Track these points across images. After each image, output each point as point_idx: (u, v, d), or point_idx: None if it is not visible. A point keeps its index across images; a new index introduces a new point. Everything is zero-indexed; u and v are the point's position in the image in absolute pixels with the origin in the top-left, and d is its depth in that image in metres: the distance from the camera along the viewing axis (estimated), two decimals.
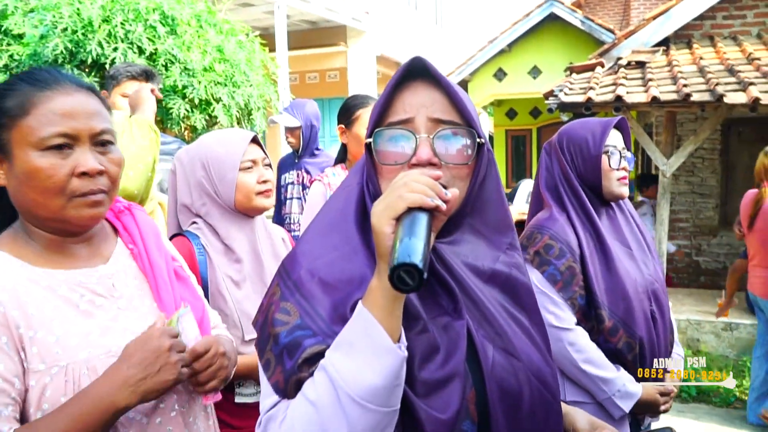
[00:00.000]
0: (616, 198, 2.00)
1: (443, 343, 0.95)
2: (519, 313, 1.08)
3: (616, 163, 1.95)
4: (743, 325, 5.81)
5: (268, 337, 0.96)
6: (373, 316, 0.84)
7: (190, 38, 4.69)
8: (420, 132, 0.97)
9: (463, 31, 18.87)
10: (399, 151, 0.98)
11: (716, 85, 5.28)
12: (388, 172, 0.99)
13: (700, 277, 7.35)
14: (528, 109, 13.58)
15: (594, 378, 1.87)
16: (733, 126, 7.11)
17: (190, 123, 4.74)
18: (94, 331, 1.15)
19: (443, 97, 1.00)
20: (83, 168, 1.13)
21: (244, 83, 5.12)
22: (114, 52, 4.28)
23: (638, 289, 1.93)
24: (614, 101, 5.52)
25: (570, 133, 2.02)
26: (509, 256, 1.09)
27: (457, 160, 0.98)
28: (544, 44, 11.06)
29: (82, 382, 1.10)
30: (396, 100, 1.01)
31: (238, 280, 1.89)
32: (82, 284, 1.19)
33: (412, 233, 0.80)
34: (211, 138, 1.96)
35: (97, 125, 1.17)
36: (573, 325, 1.88)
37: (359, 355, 0.84)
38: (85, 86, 1.22)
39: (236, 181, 1.88)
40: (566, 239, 1.90)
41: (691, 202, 7.31)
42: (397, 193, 0.85)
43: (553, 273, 1.88)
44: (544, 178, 2.05)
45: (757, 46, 6.57)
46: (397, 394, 0.86)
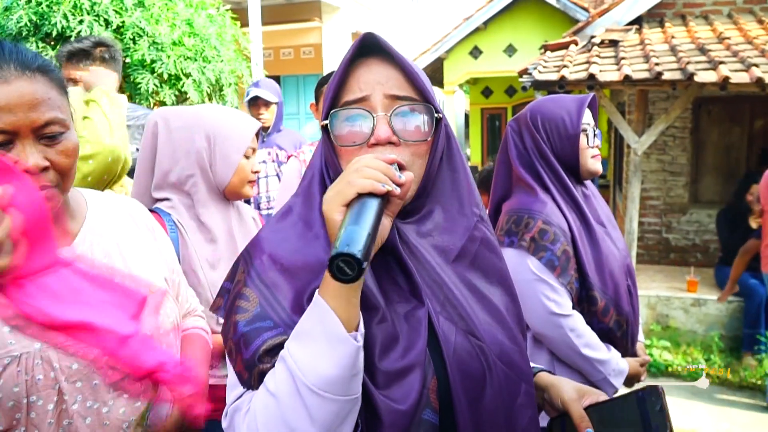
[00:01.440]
0: (592, 175, 1.99)
1: (403, 332, 0.94)
2: (488, 290, 1.06)
3: (591, 141, 1.95)
4: (711, 301, 5.94)
5: (231, 324, 0.95)
6: (329, 305, 0.83)
7: (158, 11, 4.59)
8: (377, 110, 0.96)
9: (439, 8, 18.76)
10: (357, 131, 0.96)
11: (687, 64, 5.32)
12: (348, 153, 0.97)
13: (670, 254, 7.48)
14: (503, 88, 13.61)
15: (592, 360, 1.88)
16: (703, 105, 7.19)
17: (159, 98, 4.65)
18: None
19: (398, 73, 0.98)
20: (23, 165, 1.03)
21: (215, 58, 5.03)
22: (79, 25, 4.17)
23: (618, 266, 1.95)
24: (587, 79, 5.54)
25: (543, 111, 1.97)
26: (478, 230, 1.07)
27: (416, 137, 0.97)
28: (520, 22, 11.06)
29: (35, 372, 1.07)
30: (351, 78, 0.99)
31: (212, 260, 1.86)
32: None
33: (356, 221, 0.79)
34: (218, 114, 1.92)
35: (40, 116, 1.06)
36: (571, 311, 1.87)
37: (315, 345, 0.83)
38: (33, 68, 1.08)
39: (237, 164, 1.88)
40: (558, 222, 1.87)
41: (662, 180, 7.40)
42: (347, 179, 0.85)
43: (551, 259, 1.85)
44: (515, 155, 2.00)
45: (727, 25, 6.64)
46: (356, 382, 0.85)
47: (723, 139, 7.32)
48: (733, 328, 5.82)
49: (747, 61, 5.30)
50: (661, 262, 7.50)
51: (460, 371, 0.95)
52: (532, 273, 1.86)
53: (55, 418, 1.10)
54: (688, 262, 7.22)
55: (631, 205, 6.01)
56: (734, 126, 7.24)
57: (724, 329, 5.86)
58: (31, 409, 1.07)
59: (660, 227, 7.49)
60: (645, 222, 7.47)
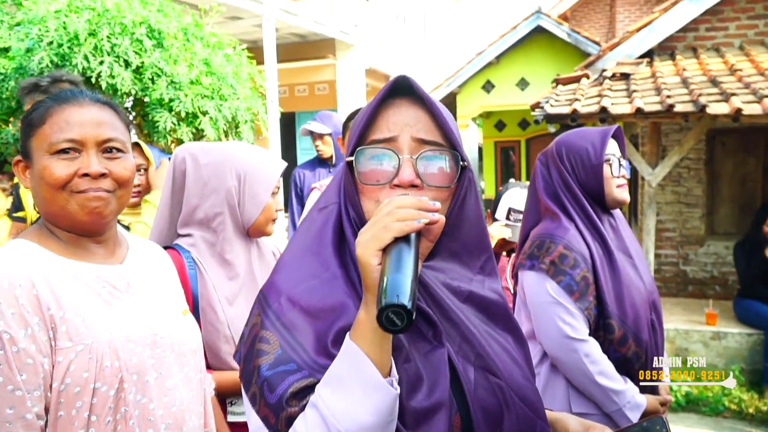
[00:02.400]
0: (619, 204, 2.02)
1: (426, 372, 0.94)
2: (497, 332, 1.07)
3: (617, 171, 1.98)
4: (731, 334, 5.84)
5: (253, 369, 0.93)
6: (362, 350, 0.82)
7: (176, 51, 4.71)
8: (403, 152, 0.95)
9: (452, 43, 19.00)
10: (381, 171, 0.96)
11: (699, 96, 5.34)
12: (369, 191, 0.97)
13: (688, 286, 7.38)
14: (516, 121, 13.66)
15: (607, 390, 1.87)
16: (717, 136, 7.18)
17: (177, 136, 4.74)
18: (115, 318, 1.27)
19: (427, 116, 0.98)
20: (85, 170, 1.25)
21: (231, 96, 5.13)
22: (100, 66, 4.28)
23: (642, 298, 1.95)
24: (599, 112, 5.56)
25: (568, 143, 2.02)
26: (480, 279, 1.08)
27: (439, 182, 0.96)
28: (532, 56, 11.15)
29: (103, 360, 1.21)
30: (379, 118, 0.99)
31: (231, 297, 1.87)
32: (102, 278, 1.31)
33: (398, 268, 0.78)
34: (248, 152, 1.94)
35: (103, 133, 1.29)
36: (587, 337, 1.87)
37: (350, 392, 0.82)
38: (102, 101, 1.35)
39: (265, 204, 1.90)
40: (579, 249, 1.90)
41: (677, 212, 7.36)
42: (382, 223, 0.84)
43: (570, 283, 1.87)
44: (542, 187, 2.05)
45: (739, 57, 6.65)
46: (392, 428, 0.84)
47: (738, 170, 7.28)
48: (754, 362, 5.70)
49: (759, 93, 5.30)
50: (679, 294, 7.40)
51: (481, 408, 0.96)
52: (549, 296, 1.88)
53: (114, 404, 1.22)
54: (707, 295, 7.12)
55: (647, 238, 5.97)
56: (749, 157, 7.20)
57: (745, 363, 5.75)
58: (95, 395, 1.20)
59: (677, 259, 7.42)
60: (662, 254, 7.40)
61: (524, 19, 10.83)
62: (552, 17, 10.93)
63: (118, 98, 4.48)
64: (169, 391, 1.33)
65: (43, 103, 1.31)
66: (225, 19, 8.74)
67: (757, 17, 6.99)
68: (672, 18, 6.97)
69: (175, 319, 1.42)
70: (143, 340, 1.29)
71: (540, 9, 10.66)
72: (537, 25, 10.69)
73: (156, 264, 1.50)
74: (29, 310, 1.16)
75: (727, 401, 5.10)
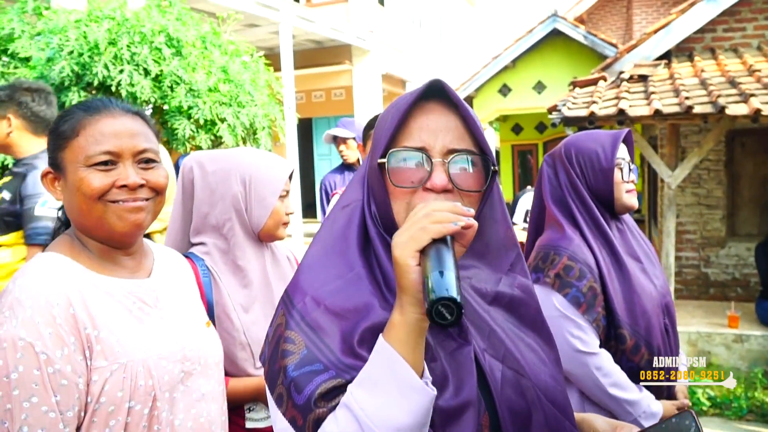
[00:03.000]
0: (627, 209, 1.97)
1: (453, 371, 0.94)
2: (524, 333, 1.07)
3: (627, 176, 1.93)
4: (754, 336, 5.77)
5: (279, 369, 0.93)
6: (398, 352, 0.83)
7: (195, 59, 4.77)
8: (435, 156, 0.96)
9: (468, 47, 18.99)
10: (413, 173, 0.96)
11: (718, 97, 5.29)
12: (401, 194, 0.97)
13: (710, 288, 7.30)
14: (533, 124, 13.62)
15: (621, 401, 1.84)
16: (737, 137, 7.10)
17: (196, 143, 4.79)
18: (147, 335, 1.27)
19: (459, 121, 0.98)
20: (123, 181, 1.26)
21: (249, 103, 5.19)
22: (120, 75, 4.35)
23: (654, 303, 1.91)
24: (617, 115, 5.54)
25: (578, 145, 1.97)
26: (511, 277, 1.08)
27: (470, 187, 0.97)
28: (548, 59, 11.13)
29: (137, 379, 1.21)
30: (410, 121, 0.98)
31: (246, 304, 1.88)
32: (134, 293, 1.31)
33: (442, 266, 0.79)
34: (253, 157, 1.94)
35: (139, 144, 1.30)
36: (598, 349, 1.84)
37: (386, 394, 0.82)
38: (133, 111, 1.35)
39: (273, 207, 1.89)
40: (584, 259, 1.86)
41: (698, 214, 7.28)
42: (419, 224, 0.83)
43: (576, 295, 1.83)
44: (548, 191, 2.00)
45: (757, 57, 6.59)
46: (426, 427, 0.85)
47: (758, 171, 7.20)
48: None
49: None
50: (701, 297, 7.32)
51: (508, 408, 0.96)
52: (556, 309, 1.84)
53: (147, 422, 1.22)
54: (729, 297, 7.04)
55: (667, 240, 5.92)
56: None
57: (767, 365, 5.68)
58: (129, 414, 1.20)
59: (698, 261, 7.34)
60: (682, 257, 7.32)
61: (540, 23, 10.81)
62: (568, 20, 10.90)
63: (138, 106, 4.55)
64: (197, 403, 1.34)
65: (73, 114, 1.30)
66: (242, 26, 8.83)
67: None
68: (689, 19, 6.92)
69: (201, 332, 1.42)
70: (174, 356, 1.29)
71: (556, 12, 10.63)
72: (553, 28, 10.66)
73: (179, 275, 1.51)
74: (66, 329, 1.15)
75: (750, 404, 5.04)
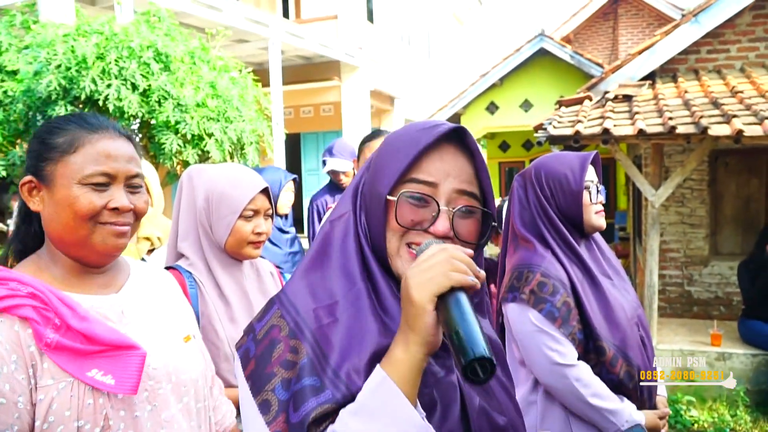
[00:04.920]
0: (596, 230, 2.02)
1: (440, 397, 0.95)
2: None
3: (595, 197, 1.98)
4: (736, 354, 5.81)
5: (271, 375, 0.92)
6: (399, 387, 0.84)
7: (183, 74, 4.78)
8: (441, 201, 0.97)
9: (456, 65, 19.14)
10: (417, 215, 0.97)
11: (701, 118, 5.37)
12: (398, 228, 0.98)
13: (693, 307, 7.36)
14: (520, 142, 13.73)
15: (603, 411, 1.87)
16: (720, 157, 7.20)
17: (183, 158, 4.80)
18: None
19: (470, 167, 1.00)
20: (116, 204, 1.27)
21: (237, 118, 5.20)
22: (108, 89, 4.35)
23: (628, 316, 1.95)
24: (602, 134, 5.60)
25: (547, 168, 2.02)
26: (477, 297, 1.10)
27: (469, 239, 0.99)
28: (535, 78, 11.25)
29: (86, 398, 1.17)
30: (422, 157, 0.99)
31: (230, 316, 1.90)
32: (94, 308, 1.27)
33: (470, 320, 0.81)
34: (225, 174, 1.95)
35: (133, 168, 1.32)
36: (576, 361, 1.87)
37: (383, 427, 0.83)
38: (125, 134, 1.37)
39: (232, 226, 1.89)
40: (557, 275, 1.90)
41: (681, 233, 7.35)
42: (440, 269, 0.84)
43: (551, 310, 1.87)
44: (518, 212, 2.05)
45: (740, 79, 6.70)
46: None
47: (741, 191, 7.29)
48: (759, 382, 5.67)
49: (760, 114, 5.33)
50: (684, 315, 7.37)
51: None
52: (533, 325, 1.88)
53: None
54: (712, 315, 7.09)
55: (651, 258, 5.97)
56: (752, 177, 7.21)
57: (750, 383, 5.71)
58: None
59: (681, 280, 7.40)
60: (666, 275, 7.38)
61: (528, 42, 10.94)
62: (555, 40, 11.04)
63: (125, 120, 4.55)
64: (166, 423, 1.29)
65: (68, 128, 1.29)
66: (231, 42, 8.86)
67: (757, 39, 7.04)
68: (674, 41, 7.03)
69: (174, 346, 1.38)
70: None
71: (543, 32, 10.77)
72: (540, 48, 10.79)
73: (159, 289, 1.48)
74: (8, 348, 1.12)
75: (733, 423, 5.07)
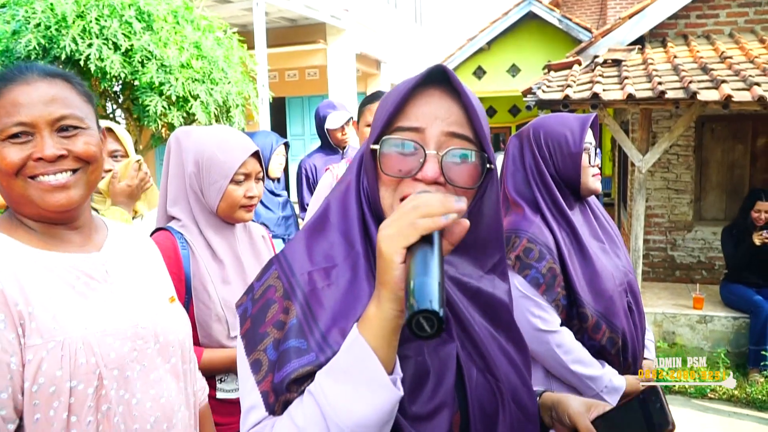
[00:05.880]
0: (592, 193, 2.01)
1: (434, 366, 0.93)
2: (498, 333, 1.06)
3: (593, 160, 1.96)
4: (717, 317, 5.92)
5: (264, 335, 0.91)
6: (370, 345, 0.80)
7: (166, 34, 4.67)
8: (429, 146, 0.91)
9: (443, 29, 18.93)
10: (404, 162, 0.92)
11: (690, 83, 5.36)
12: (390, 182, 0.93)
13: (676, 271, 7.46)
14: (507, 107, 13.69)
15: (582, 377, 1.89)
16: (706, 123, 7.22)
17: (168, 120, 4.71)
18: (91, 311, 1.19)
19: (460, 109, 0.93)
20: (39, 153, 1.16)
21: (222, 80, 5.11)
22: (88, 49, 4.24)
23: (615, 282, 1.95)
24: (591, 98, 5.58)
25: (547, 128, 1.98)
26: (490, 277, 1.06)
27: (463, 183, 0.92)
28: (523, 43, 11.16)
29: (78, 357, 1.13)
30: (409, 105, 0.94)
31: (222, 277, 1.89)
32: (78, 267, 1.23)
33: (427, 271, 0.75)
34: (214, 138, 1.91)
35: (55, 111, 1.18)
36: (558, 327, 1.88)
37: (353, 386, 0.80)
38: (55, 74, 1.24)
39: (224, 191, 1.87)
40: (544, 240, 1.89)
41: (666, 198, 7.41)
42: (408, 219, 0.79)
43: (536, 276, 1.86)
44: (511, 173, 2.01)
45: (729, 44, 6.68)
46: (389, 425, 0.83)
47: (726, 157, 7.34)
48: (739, 345, 5.79)
49: (749, 80, 5.34)
50: (667, 279, 7.48)
51: (479, 408, 0.96)
52: (517, 290, 1.87)
53: (95, 402, 1.16)
54: (694, 280, 7.20)
55: (636, 223, 6.01)
56: (737, 144, 7.25)
57: (730, 346, 5.83)
58: (72, 394, 1.13)
59: (665, 245, 7.49)
60: (650, 240, 7.46)
61: (516, 5, 10.83)
62: (543, 3, 10.92)
63: (107, 82, 4.45)
64: (155, 383, 1.27)
65: None
66: (215, 2, 8.66)
67: (746, 5, 7.02)
68: (663, 5, 6.99)
69: (160, 307, 1.35)
70: (123, 332, 1.22)
71: None
72: (528, 11, 10.70)
73: (139, 249, 1.44)
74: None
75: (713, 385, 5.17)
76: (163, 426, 1.27)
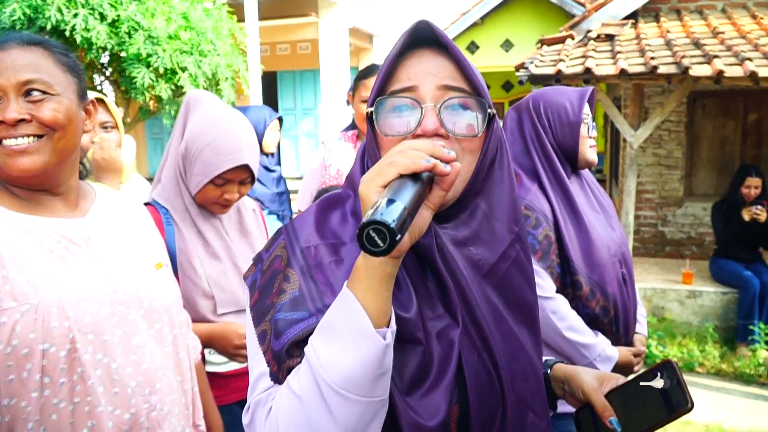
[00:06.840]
0: (589, 164, 2.03)
1: (436, 354, 0.89)
2: (508, 314, 1.00)
3: (590, 131, 1.99)
4: (706, 292, 5.96)
5: (270, 306, 0.90)
6: (357, 297, 0.77)
7: (154, 4, 4.59)
8: (425, 101, 0.90)
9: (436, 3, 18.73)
10: (402, 122, 0.91)
11: (682, 58, 5.34)
12: (391, 144, 0.90)
13: (666, 246, 7.50)
14: (500, 83, 13.61)
15: (576, 344, 1.90)
16: (698, 99, 7.21)
17: (155, 92, 4.66)
18: (68, 275, 1.20)
19: (451, 64, 0.92)
20: (0, 117, 1.16)
21: (211, 52, 5.05)
22: (74, 19, 4.17)
23: (610, 252, 1.96)
24: (583, 73, 5.54)
25: (546, 98, 2.01)
26: (513, 248, 1.01)
27: (465, 132, 0.90)
28: (516, 17, 11.06)
29: (51, 320, 1.14)
30: (399, 69, 0.93)
31: (208, 253, 1.87)
32: (59, 232, 1.23)
33: (393, 194, 0.71)
34: (212, 130, 1.81)
35: (21, 76, 1.18)
36: (554, 294, 1.89)
37: (339, 341, 0.77)
38: (35, 42, 1.24)
39: (201, 186, 1.82)
40: (541, 208, 1.90)
41: (657, 174, 7.42)
42: (389, 159, 0.78)
43: (532, 243, 1.87)
44: (509, 142, 2.02)
45: (721, 20, 6.65)
46: (382, 384, 0.79)
47: (717, 133, 7.34)
48: (728, 319, 5.85)
49: (741, 56, 5.32)
50: (657, 254, 7.53)
51: (479, 398, 0.92)
52: None
53: (68, 365, 1.16)
54: (684, 255, 7.25)
55: (627, 199, 6.02)
56: (728, 120, 7.26)
57: (719, 320, 5.89)
58: (44, 357, 1.14)
59: (656, 220, 7.52)
60: (641, 215, 7.49)
61: None
62: None
63: (94, 53, 4.38)
64: (138, 348, 1.27)
65: None
66: None
67: None
68: None
69: (145, 273, 1.35)
70: (101, 298, 1.22)
71: None
72: None
73: (128, 216, 1.44)
74: None
75: (701, 358, 5.24)
76: (145, 391, 1.27)
